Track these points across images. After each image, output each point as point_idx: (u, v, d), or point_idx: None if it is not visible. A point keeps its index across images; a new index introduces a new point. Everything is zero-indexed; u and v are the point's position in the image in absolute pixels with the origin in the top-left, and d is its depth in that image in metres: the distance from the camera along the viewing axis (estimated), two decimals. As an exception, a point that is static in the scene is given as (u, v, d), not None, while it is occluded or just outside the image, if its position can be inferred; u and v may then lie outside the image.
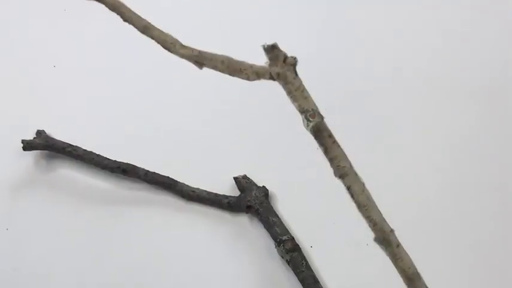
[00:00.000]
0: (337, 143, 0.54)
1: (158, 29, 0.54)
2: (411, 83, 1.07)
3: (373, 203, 0.56)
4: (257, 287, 0.88)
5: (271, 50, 0.51)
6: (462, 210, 0.95)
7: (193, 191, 0.95)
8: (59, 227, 0.94)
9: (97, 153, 0.97)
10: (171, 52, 0.54)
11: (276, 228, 0.91)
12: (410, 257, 0.59)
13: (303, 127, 0.54)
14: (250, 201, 0.93)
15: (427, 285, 0.61)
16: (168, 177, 0.96)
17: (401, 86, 1.07)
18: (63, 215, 0.95)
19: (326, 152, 0.54)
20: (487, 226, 0.93)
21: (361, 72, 1.08)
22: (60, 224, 0.94)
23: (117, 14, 0.54)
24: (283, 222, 0.92)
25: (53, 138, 0.99)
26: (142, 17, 0.54)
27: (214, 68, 0.53)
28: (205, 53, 0.53)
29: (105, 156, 0.97)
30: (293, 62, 0.53)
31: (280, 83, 0.53)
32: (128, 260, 0.91)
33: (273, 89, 0.58)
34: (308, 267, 0.88)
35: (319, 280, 0.87)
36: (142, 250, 0.92)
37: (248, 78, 0.53)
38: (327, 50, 1.11)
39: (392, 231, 0.58)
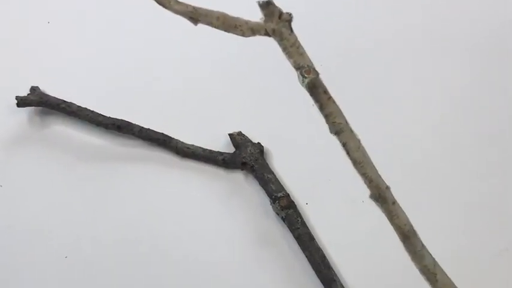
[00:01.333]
0: (332, 99, 0.53)
1: (152, -16, 0.53)
2: (407, 38, 1.06)
3: (369, 159, 0.56)
4: (252, 244, 0.89)
5: (267, 6, 0.51)
6: (459, 166, 0.95)
7: (187, 148, 0.95)
8: (53, 184, 0.94)
9: (91, 109, 0.97)
10: (165, 8, 0.53)
11: (271, 185, 0.90)
12: (406, 214, 0.59)
13: (299, 83, 0.53)
14: (245, 158, 0.93)
15: (423, 242, 0.61)
16: (162, 133, 0.96)
17: (397, 41, 1.06)
18: (58, 171, 0.95)
19: (321, 108, 0.53)
20: (484, 183, 0.93)
21: (356, 28, 1.08)
22: (55, 181, 0.94)
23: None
24: (279, 179, 0.92)
25: (47, 95, 0.98)
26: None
27: (209, 24, 0.52)
28: (200, 9, 0.52)
29: (99, 112, 0.97)
30: (288, 18, 0.52)
31: (275, 39, 0.52)
32: (122, 217, 0.91)
33: (268, 45, 0.58)
34: (303, 224, 0.88)
35: (315, 237, 0.87)
36: (136, 207, 0.92)
37: (243, 35, 0.53)
38: (322, 6, 1.10)
39: (388, 188, 0.58)
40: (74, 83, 1.02)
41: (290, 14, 0.52)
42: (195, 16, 0.52)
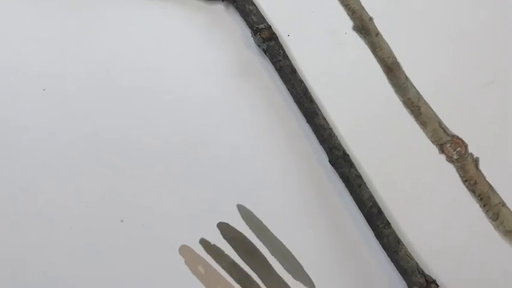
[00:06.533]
0: None
1: None
2: None
3: (353, -10, 0.54)
4: (233, 78, 0.88)
5: None
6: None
7: (166, -22, 0.92)
8: (32, 17, 0.91)
9: None
10: None
11: (253, 17, 0.88)
12: (390, 46, 0.58)
13: None
14: (225, -12, 0.91)
15: (407, 75, 0.60)
16: (139, -37, 0.93)
17: None
18: (36, 4, 0.92)
19: None
20: (471, 11, 0.91)
21: None
22: (34, 14, 0.92)
23: None
24: (260, 11, 0.89)
25: None
26: None
27: None
28: None
29: None
30: None
31: None
32: (102, 50, 0.90)
33: None
34: (285, 56, 0.86)
35: (297, 70, 0.86)
36: (116, 40, 0.90)
37: None
38: None
39: (371, 19, 0.56)
40: None
41: None
42: None
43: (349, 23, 0.65)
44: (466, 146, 0.80)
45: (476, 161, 0.79)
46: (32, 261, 0.82)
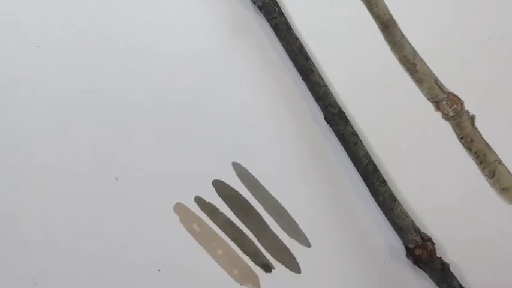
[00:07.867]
0: None
1: None
2: None
3: None
4: (228, 35, 0.87)
5: None
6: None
7: None
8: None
9: None
10: None
11: (248, -27, 0.88)
12: (386, 3, 0.57)
13: None
14: None
15: (403, 32, 0.59)
16: None
17: None
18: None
19: None
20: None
21: None
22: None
23: None
24: (255, -34, 0.89)
25: None
26: None
27: None
28: None
29: None
30: None
31: None
32: (97, 8, 0.89)
33: None
34: (281, 13, 0.85)
35: (292, 27, 0.85)
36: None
37: None
38: None
39: (367, -25, 0.55)
40: None
41: None
42: None
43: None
44: (462, 104, 0.80)
45: (472, 119, 0.78)
46: (27, 220, 0.82)
